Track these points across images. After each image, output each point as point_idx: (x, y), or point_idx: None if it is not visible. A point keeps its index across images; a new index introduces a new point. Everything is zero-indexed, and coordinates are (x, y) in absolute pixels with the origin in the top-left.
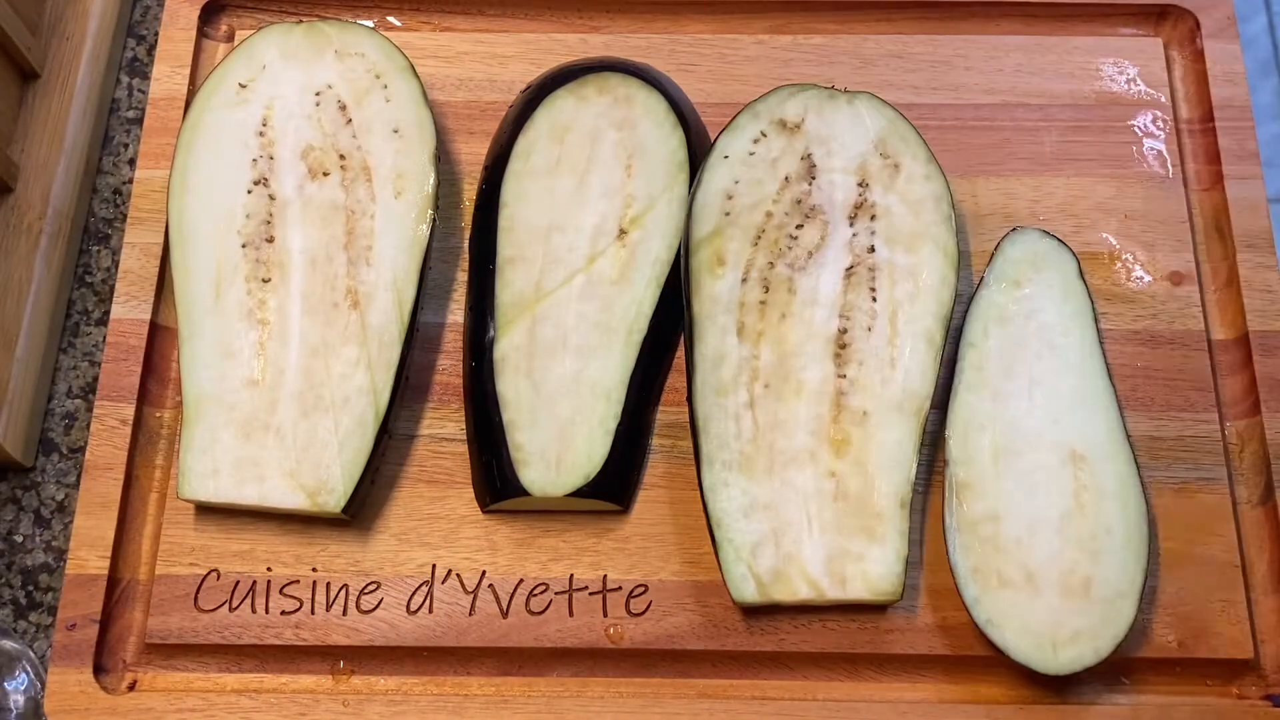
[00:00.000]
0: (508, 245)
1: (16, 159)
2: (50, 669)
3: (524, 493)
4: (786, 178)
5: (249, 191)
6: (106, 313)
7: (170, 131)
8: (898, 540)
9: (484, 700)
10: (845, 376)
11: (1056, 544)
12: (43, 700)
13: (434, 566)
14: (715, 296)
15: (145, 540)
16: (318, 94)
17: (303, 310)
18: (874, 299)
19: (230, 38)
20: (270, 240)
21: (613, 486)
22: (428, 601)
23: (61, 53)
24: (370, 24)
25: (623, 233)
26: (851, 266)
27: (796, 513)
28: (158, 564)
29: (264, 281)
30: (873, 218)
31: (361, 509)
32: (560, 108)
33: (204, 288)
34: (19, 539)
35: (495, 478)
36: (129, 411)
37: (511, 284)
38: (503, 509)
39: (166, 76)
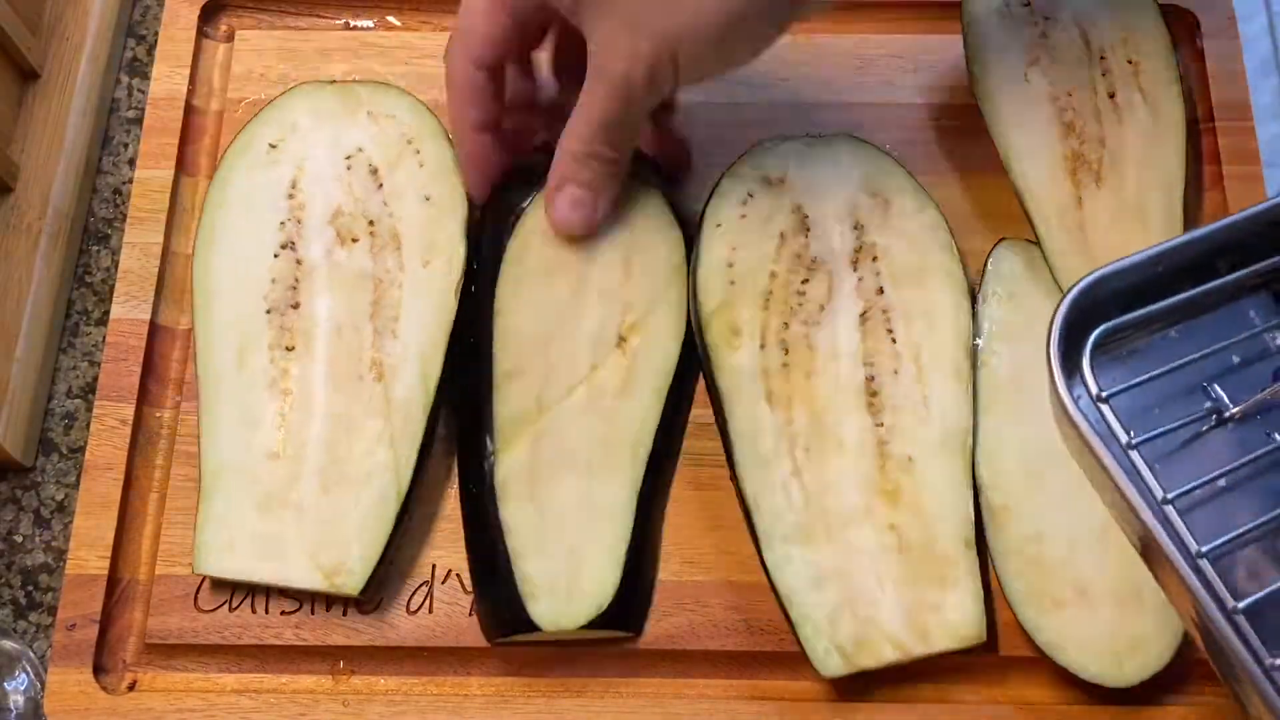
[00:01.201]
0: (506, 358)
1: (16, 159)
2: (50, 669)
3: (534, 628)
4: (782, 234)
5: (275, 255)
6: (106, 313)
7: (170, 131)
8: (970, 581)
9: (484, 700)
10: (882, 424)
11: (1100, 554)
12: (42, 700)
13: (434, 566)
14: (738, 368)
15: (145, 540)
16: (348, 157)
17: (326, 381)
18: (893, 340)
19: (230, 38)
20: (295, 307)
21: (626, 614)
22: (428, 601)
23: (61, 53)
24: (388, 85)
25: (622, 340)
26: (864, 312)
27: (865, 574)
28: (158, 564)
29: (288, 350)
30: (874, 259)
31: (378, 590)
32: None
33: (226, 354)
34: (18, 539)
35: (503, 611)
36: (129, 411)
37: (511, 400)
38: (512, 643)
39: (166, 76)
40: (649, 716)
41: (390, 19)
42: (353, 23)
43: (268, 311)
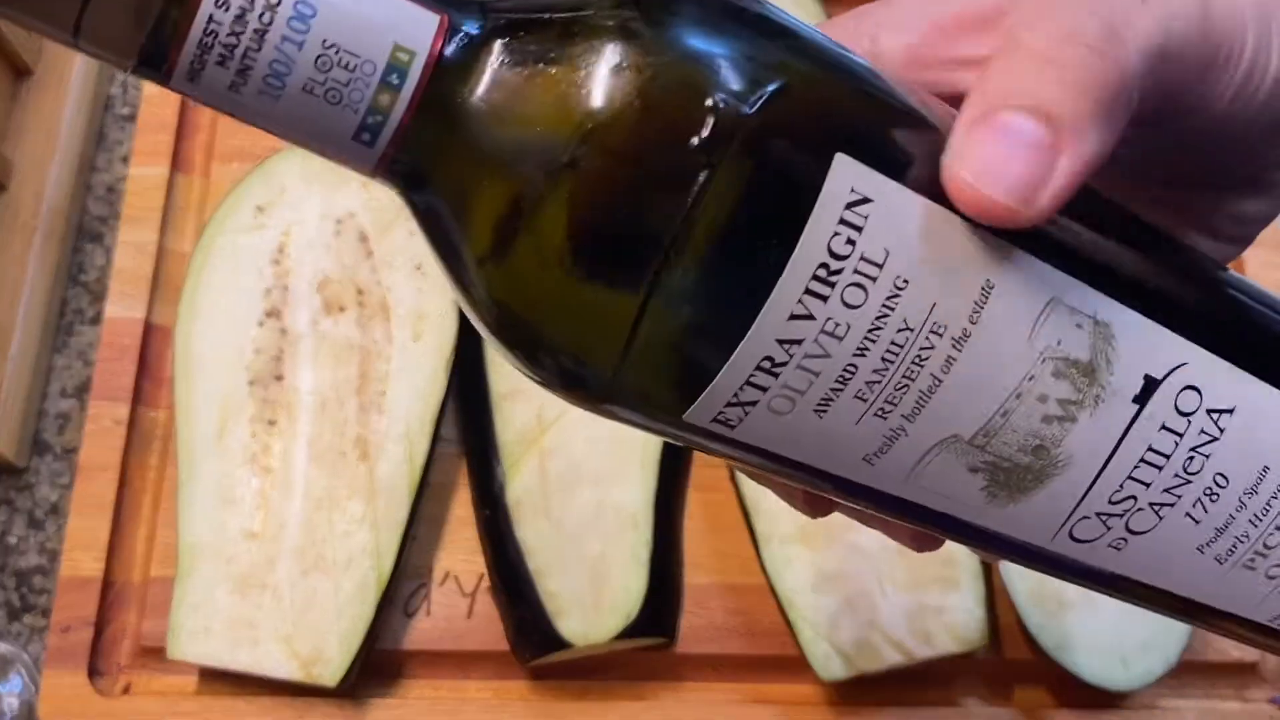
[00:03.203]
0: (501, 380)
1: (10, 156)
2: (44, 672)
3: (566, 645)
4: None
5: (260, 324)
6: (100, 312)
7: (165, 128)
8: (973, 583)
9: (482, 704)
10: None
11: None
12: (37, 704)
13: (431, 569)
14: None
15: (140, 542)
16: (339, 222)
17: (309, 458)
18: None
19: None
20: (279, 379)
21: (658, 620)
22: (425, 604)
23: (55, 49)
24: None
25: None
26: None
27: (866, 576)
28: (152, 566)
29: (270, 424)
30: None
31: (356, 680)
32: None
33: (206, 427)
34: (12, 541)
35: (532, 632)
36: (123, 411)
37: (512, 421)
38: (545, 663)
39: None
40: (649, 717)
41: None
42: None
43: (250, 383)
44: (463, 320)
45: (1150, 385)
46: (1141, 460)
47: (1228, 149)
